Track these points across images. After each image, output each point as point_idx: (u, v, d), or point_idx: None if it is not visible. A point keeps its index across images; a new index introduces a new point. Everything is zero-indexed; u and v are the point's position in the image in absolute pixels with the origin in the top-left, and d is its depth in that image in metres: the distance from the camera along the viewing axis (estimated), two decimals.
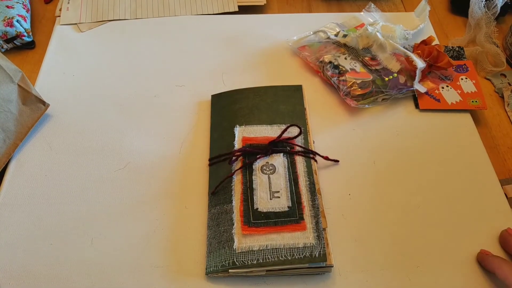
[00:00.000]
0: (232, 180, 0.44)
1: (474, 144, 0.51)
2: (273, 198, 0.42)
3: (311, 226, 0.40)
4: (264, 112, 0.50)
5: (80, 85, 0.56)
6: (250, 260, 0.38)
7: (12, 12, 0.61)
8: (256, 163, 0.45)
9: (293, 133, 0.47)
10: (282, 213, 0.41)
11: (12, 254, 0.42)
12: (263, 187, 0.43)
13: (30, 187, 0.46)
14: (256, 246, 0.39)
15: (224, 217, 0.42)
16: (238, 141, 0.47)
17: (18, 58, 0.61)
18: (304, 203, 0.42)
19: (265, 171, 0.44)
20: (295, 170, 0.45)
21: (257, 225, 0.40)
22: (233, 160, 0.45)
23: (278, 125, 0.49)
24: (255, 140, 0.47)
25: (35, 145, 0.50)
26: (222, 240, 0.40)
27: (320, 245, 0.39)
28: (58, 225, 0.44)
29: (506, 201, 0.46)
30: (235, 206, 0.42)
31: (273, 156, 0.45)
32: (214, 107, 0.52)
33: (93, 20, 0.65)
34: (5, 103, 0.48)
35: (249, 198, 0.42)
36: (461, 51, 0.61)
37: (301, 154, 0.46)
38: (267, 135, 0.48)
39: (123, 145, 0.51)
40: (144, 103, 0.54)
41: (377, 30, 0.57)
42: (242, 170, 0.45)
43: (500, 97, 0.58)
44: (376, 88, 0.53)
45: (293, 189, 0.43)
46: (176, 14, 0.66)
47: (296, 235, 0.40)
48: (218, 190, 0.44)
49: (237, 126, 0.48)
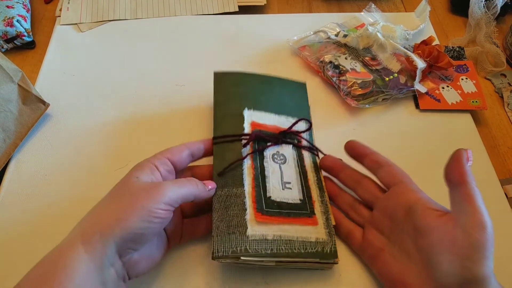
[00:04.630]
0: (243, 164, 0.42)
1: (474, 144, 0.51)
2: (285, 189, 0.41)
3: (322, 222, 0.40)
4: (271, 101, 0.48)
5: (80, 85, 0.56)
6: (263, 249, 0.36)
7: (12, 12, 0.61)
8: (267, 151, 0.43)
9: (300, 128, 0.47)
10: (295, 205, 0.40)
11: (11, 254, 0.41)
12: (275, 175, 0.41)
13: (30, 187, 0.46)
14: (270, 235, 0.37)
15: (233, 200, 0.39)
16: (247, 125, 0.44)
17: (18, 58, 0.61)
18: (314, 198, 0.41)
19: (276, 160, 0.43)
20: (303, 164, 0.44)
21: (271, 214, 0.39)
22: (245, 144, 0.42)
23: (286, 116, 0.47)
24: (264, 127, 0.45)
25: (35, 145, 0.50)
26: (232, 225, 0.37)
27: (331, 241, 0.38)
28: (58, 225, 0.44)
29: (507, 201, 0.46)
30: (247, 191, 0.40)
31: (283, 147, 0.44)
32: (218, 85, 0.49)
33: (93, 20, 0.65)
34: (5, 103, 0.48)
35: (261, 185, 0.40)
36: (462, 51, 0.61)
37: (307, 149, 0.45)
38: (276, 125, 0.46)
39: (123, 144, 0.51)
40: (144, 103, 0.54)
41: (378, 30, 0.57)
42: (252, 155, 0.42)
43: (500, 97, 0.58)
44: (377, 88, 0.53)
45: (303, 183, 0.42)
46: (176, 14, 0.66)
47: (308, 229, 0.39)
48: (226, 172, 0.41)
49: (246, 109, 0.46)
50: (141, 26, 0.64)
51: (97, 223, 0.31)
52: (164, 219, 0.33)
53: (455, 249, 0.31)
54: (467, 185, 0.32)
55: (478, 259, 0.30)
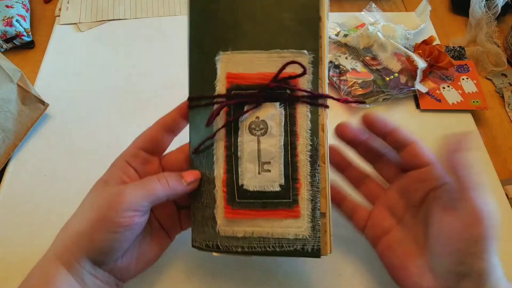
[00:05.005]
0: (213, 141, 0.34)
1: (475, 145, 0.51)
2: (262, 172, 0.33)
3: (307, 213, 0.32)
4: (260, 24, 0.33)
5: (79, 85, 0.56)
6: (234, 246, 0.33)
7: (11, 12, 0.60)
8: (242, 118, 0.33)
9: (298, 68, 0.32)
10: (272, 194, 0.33)
11: (11, 255, 0.41)
12: (250, 155, 0.33)
13: (29, 187, 0.46)
14: (240, 231, 0.33)
15: (206, 187, 0.34)
16: (221, 81, 0.33)
17: (18, 58, 0.61)
18: (301, 180, 0.33)
19: (254, 132, 0.33)
20: (294, 128, 0.33)
21: (243, 207, 0.33)
22: (211, 118, 0.33)
23: (278, 51, 0.33)
24: (244, 78, 0.33)
25: (35, 145, 0.50)
26: (205, 216, 0.34)
27: (315, 238, 0.32)
28: (58, 225, 0.43)
29: (507, 202, 0.46)
30: (217, 177, 0.33)
31: (266, 107, 0.33)
32: (192, 8, 0.35)
33: (93, 19, 0.64)
34: (5, 103, 0.48)
35: (233, 169, 0.33)
36: (462, 51, 0.60)
37: (306, 100, 0.33)
38: (262, 71, 0.33)
39: (123, 144, 0.50)
40: (143, 103, 0.54)
41: (378, 30, 0.57)
42: (226, 128, 0.33)
43: (501, 97, 0.58)
44: (377, 88, 0.53)
45: (288, 158, 0.33)
46: (176, 14, 0.66)
47: (287, 223, 0.33)
48: (201, 150, 0.34)
49: (219, 53, 0.34)
50: (140, 26, 0.64)
51: (66, 240, 0.31)
52: (132, 225, 0.30)
53: (452, 243, 0.30)
54: (461, 178, 0.30)
55: (475, 252, 0.29)
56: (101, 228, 0.29)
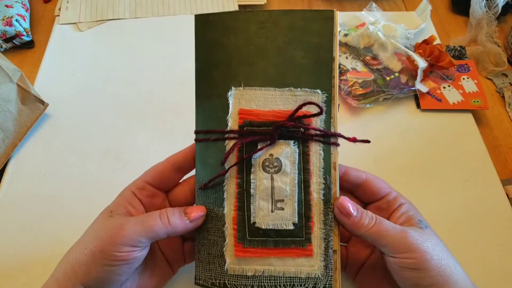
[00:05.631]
0: (225, 178, 0.33)
1: (475, 144, 0.51)
2: (275, 210, 0.32)
3: (319, 251, 0.32)
4: (272, 59, 0.33)
5: (79, 85, 0.56)
6: (243, 285, 0.33)
7: (11, 12, 0.60)
8: (256, 156, 0.33)
9: (313, 109, 0.33)
10: (286, 232, 0.32)
11: (10, 254, 0.41)
12: (264, 192, 0.33)
13: (29, 187, 0.46)
14: (251, 270, 0.32)
15: (214, 224, 0.33)
16: (233, 116, 0.33)
17: (17, 58, 0.61)
18: (314, 218, 0.33)
19: (268, 169, 0.33)
20: (307, 166, 0.33)
21: (254, 245, 0.32)
22: (226, 156, 0.32)
23: (291, 89, 0.33)
24: (257, 115, 0.33)
25: (34, 145, 0.50)
26: (212, 253, 0.33)
27: (327, 277, 0.32)
28: (57, 225, 0.44)
29: (508, 201, 0.46)
30: (227, 215, 0.33)
31: (279, 145, 0.33)
32: (199, 38, 0.34)
33: (93, 19, 0.64)
34: (4, 103, 0.48)
35: (245, 207, 0.33)
36: (463, 51, 0.60)
37: (319, 139, 0.33)
38: (275, 108, 0.33)
39: (122, 144, 0.50)
40: (143, 102, 0.54)
41: (378, 30, 0.57)
42: (237, 166, 0.33)
43: (502, 97, 0.58)
44: (378, 88, 0.53)
45: (302, 197, 0.33)
46: (176, 14, 0.65)
47: (299, 261, 0.32)
48: (209, 186, 0.34)
49: (232, 89, 0.33)
50: (140, 26, 0.64)
51: (67, 267, 0.31)
52: (129, 260, 0.30)
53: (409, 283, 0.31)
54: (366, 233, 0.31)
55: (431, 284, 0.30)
56: (99, 259, 0.30)
